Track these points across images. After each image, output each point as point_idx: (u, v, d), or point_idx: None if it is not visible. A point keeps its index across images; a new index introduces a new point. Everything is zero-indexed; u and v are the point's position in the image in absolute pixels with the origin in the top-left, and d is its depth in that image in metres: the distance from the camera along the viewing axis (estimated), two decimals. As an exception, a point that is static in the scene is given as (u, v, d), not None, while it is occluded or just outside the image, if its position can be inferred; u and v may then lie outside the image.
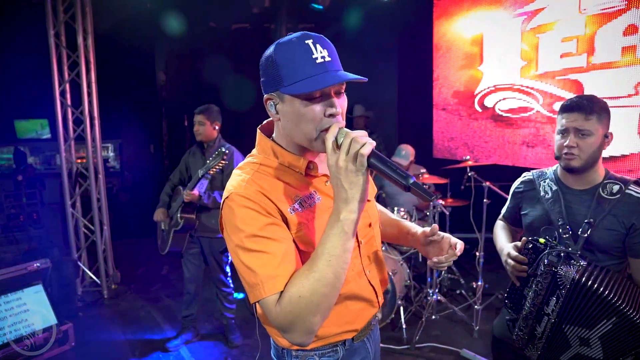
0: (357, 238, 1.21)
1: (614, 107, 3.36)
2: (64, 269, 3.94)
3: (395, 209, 3.79)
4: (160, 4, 5.01)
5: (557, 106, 3.83)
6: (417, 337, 3.32)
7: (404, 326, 3.42)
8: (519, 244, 1.62)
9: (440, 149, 5.07)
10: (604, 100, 1.60)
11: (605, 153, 3.48)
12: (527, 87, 4.04)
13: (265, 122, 1.26)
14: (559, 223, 1.60)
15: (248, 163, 1.17)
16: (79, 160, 4.52)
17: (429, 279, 3.75)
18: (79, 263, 4.25)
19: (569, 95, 3.70)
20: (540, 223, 1.67)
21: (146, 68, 6.51)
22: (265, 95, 1.11)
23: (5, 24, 5.48)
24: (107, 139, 6.84)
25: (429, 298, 3.66)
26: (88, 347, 3.35)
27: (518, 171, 1.92)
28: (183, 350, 3.29)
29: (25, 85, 5.94)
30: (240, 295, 4.00)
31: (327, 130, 1.04)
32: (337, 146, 1.00)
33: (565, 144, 1.57)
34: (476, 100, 4.58)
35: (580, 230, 1.55)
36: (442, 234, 1.28)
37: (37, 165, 7.17)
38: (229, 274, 3.34)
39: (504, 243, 1.76)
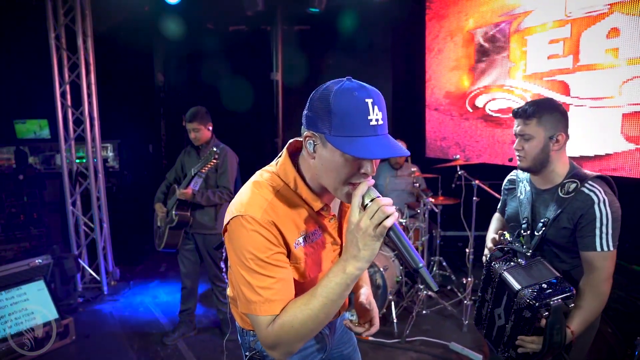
0: (340, 252, 1.31)
1: (598, 107, 3.48)
2: (65, 265, 4.04)
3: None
4: (158, 6, 5.10)
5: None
6: (408, 331, 3.42)
7: (395, 320, 3.52)
8: (496, 236, 1.78)
9: (433, 149, 5.17)
10: (558, 102, 1.69)
11: (591, 152, 3.61)
12: (516, 87, 4.14)
13: (293, 140, 1.26)
14: (523, 222, 1.74)
15: (268, 181, 1.19)
16: (79, 160, 4.62)
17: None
18: (79, 260, 4.35)
19: (557, 95, 3.80)
20: (512, 219, 1.82)
21: (145, 69, 6.60)
22: (306, 131, 1.11)
23: (5, 26, 5.58)
24: (107, 139, 6.93)
25: (419, 293, 3.76)
26: (88, 341, 3.45)
27: (507, 170, 2.02)
28: (180, 343, 3.39)
29: (25, 86, 6.03)
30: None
31: (355, 184, 1.07)
32: (363, 206, 1.03)
33: (514, 147, 1.72)
34: (467, 100, 4.68)
35: (537, 228, 1.68)
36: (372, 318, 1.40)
37: (37, 166, 7.25)
38: (224, 270, 3.44)
39: (489, 233, 1.95)
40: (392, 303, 3.61)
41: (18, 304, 3.27)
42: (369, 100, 1.02)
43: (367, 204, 1.02)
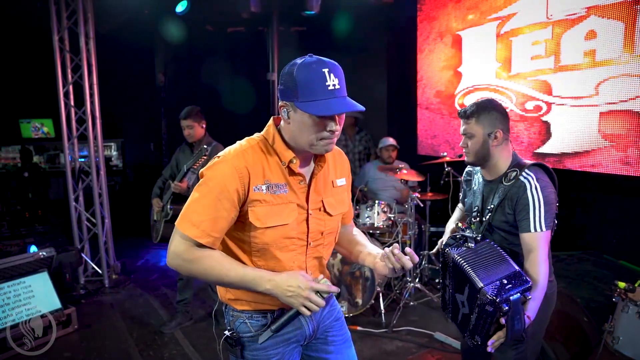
0: (307, 240, 1.45)
1: (578, 106, 3.62)
2: (68, 258, 4.21)
3: (377, 202, 4.04)
4: (158, 9, 5.26)
5: (529, 105, 4.10)
6: (395, 321, 3.56)
7: (383, 311, 3.67)
8: (454, 226, 1.96)
9: (424, 146, 5.32)
10: (497, 102, 1.85)
11: (569, 149, 3.75)
12: (502, 87, 4.29)
13: (277, 116, 1.47)
14: (474, 210, 1.91)
15: (252, 138, 1.44)
16: (82, 159, 4.79)
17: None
18: (81, 254, 4.52)
19: (539, 95, 3.94)
20: (468, 209, 2.00)
21: (146, 70, 6.78)
22: (281, 102, 1.34)
23: (10, 29, 5.76)
24: (111, 138, 7.12)
25: (407, 286, 3.91)
26: (89, 330, 3.62)
27: None
28: (177, 333, 3.55)
29: (30, 87, 6.22)
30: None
31: (325, 139, 1.32)
32: (316, 292, 1.31)
33: (460, 144, 1.90)
34: (456, 99, 4.83)
35: (484, 214, 1.86)
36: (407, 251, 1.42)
37: (42, 165, 7.42)
38: None
39: (450, 223, 2.15)
40: (381, 295, 3.75)
41: (22, 295, 3.45)
42: (326, 70, 1.26)
43: (317, 292, 1.31)
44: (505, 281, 1.59)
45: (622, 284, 2.57)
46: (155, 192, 3.55)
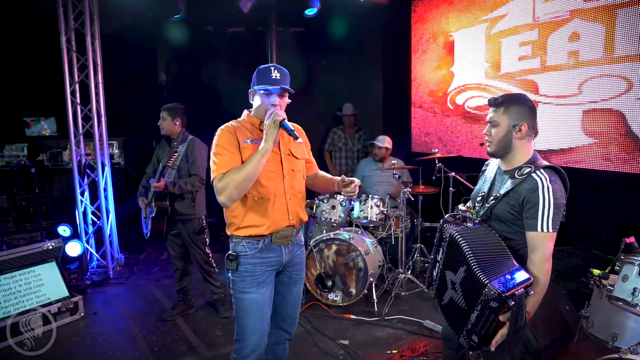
0: (282, 174, 2.09)
1: (563, 104, 3.78)
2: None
3: (370, 195, 4.21)
4: (161, 11, 5.42)
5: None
6: (387, 310, 3.72)
7: (375, 301, 3.83)
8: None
9: (418, 144, 5.48)
10: (528, 98, 1.88)
11: (556, 146, 3.91)
12: (491, 86, 4.45)
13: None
14: (479, 195, 1.97)
15: (235, 120, 2.13)
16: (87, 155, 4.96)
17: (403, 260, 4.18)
18: (87, 245, 4.70)
19: (527, 94, 4.10)
20: (475, 193, 2.05)
21: (149, 69, 6.93)
22: (250, 90, 2.12)
23: (17, 29, 5.92)
24: (113, 136, 7.25)
25: (399, 276, 4.07)
26: (95, 317, 3.80)
27: (483, 163, 2.24)
28: (179, 320, 3.72)
29: (35, 86, 6.36)
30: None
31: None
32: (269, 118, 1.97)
33: (483, 132, 1.92)
34: (448, 98, 4.99)
35: (488, 202, 1.90)
36: (352, 179, 2.14)
37: (46, 162, 7.56)
38: (210, 255, 3.74)
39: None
40: (374, 285, 3.92)
41: (32, 283, 3.63)
42: (272, 67, 2.03)
43: (270, 113, 1.96)
44: (509, 276, 1.59)
45: (596, 272, 2.72)
46: (140, 191, 3.68)
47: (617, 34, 3.30)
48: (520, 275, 1.62)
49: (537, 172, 1.74)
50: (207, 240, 3.70)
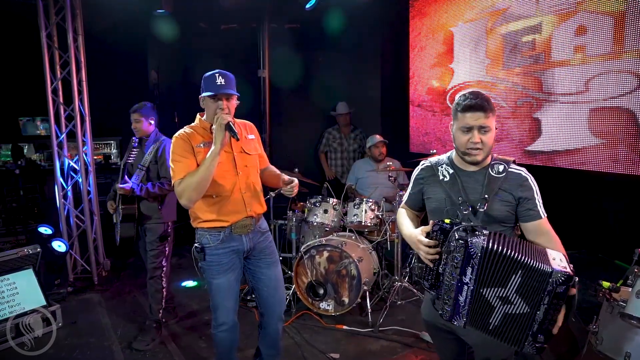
0: (236, 171, 2.31)
1: (568, 102, 3.56)
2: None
3: (364, 199, 4.00)
4: (151, 7, 5.23)
5: (519, 102, 4.03)
6: (381, 320, 3.52)
7: (369, 310, 3.63)
8: (427, 228, 1.72)
9: (416, 144, 5.27)
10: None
11: (561, 146, 3.69)
12: (493, 83, 4.23)
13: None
14: (460, 201, 1.76)
15: (188, 126, 2.33)
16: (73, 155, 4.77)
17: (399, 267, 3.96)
18: (70, 251, 4.50)
19: (530, 91, 3.88)
20: (444, 204, 1.81)
21: (139, 67, 6.75)
22: (200, 97, 2.28)
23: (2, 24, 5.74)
24: (110, 136, 7.09)
25: (395, 284, 3.87)
26: (74, 327, 3.61)
27: None
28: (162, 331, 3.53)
29: (28, 84, 6.19)
30: (192, 284, 4.47)
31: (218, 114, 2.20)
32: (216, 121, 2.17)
33: (471, 140, 1.71)
34: (448, 96, 4.78)
35: (479, 205, 1.73)
36: (292, 179, 2.35)
37: (42, 162, 7.40)
38: (164, 269, 3.39)
39: (411, 229, 1.85)
40: (368, 293, 3.71)
41: (6, 292, 3.43)
42: (217, 74, 2.21)
43: (217, 118, 2.15)
44: (553, 259, 1.55)
45: (606, 284, 2.50)
46: (110, 194, 3.46)
47: (627, 26, 3.08)
48: (557, 254, 1.59)
49: (512, 167, 1.77)
50: (167, 250, 3.40)
